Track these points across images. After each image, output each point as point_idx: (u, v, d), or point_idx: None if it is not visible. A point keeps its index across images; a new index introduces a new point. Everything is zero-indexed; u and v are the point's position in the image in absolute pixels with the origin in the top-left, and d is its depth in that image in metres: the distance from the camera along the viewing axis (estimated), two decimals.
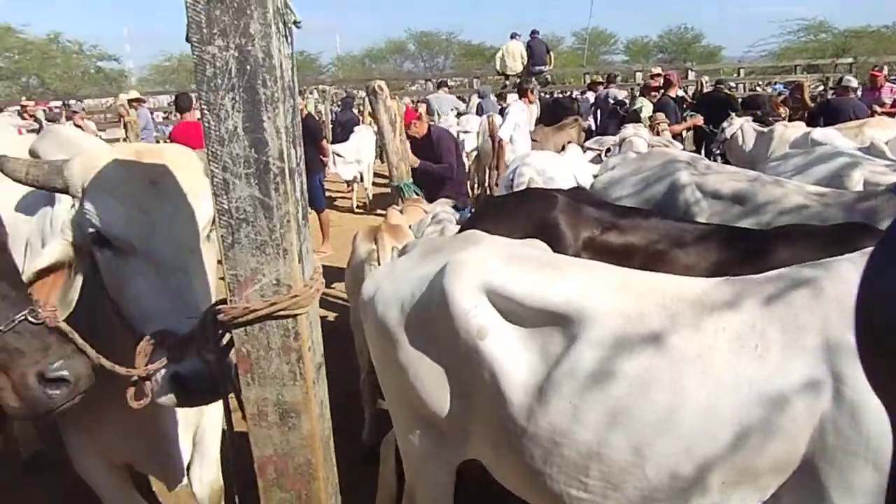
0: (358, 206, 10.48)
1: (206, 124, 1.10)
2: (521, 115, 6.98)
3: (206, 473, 2.60)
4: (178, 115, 7.40)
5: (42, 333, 1.51)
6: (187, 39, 1.07)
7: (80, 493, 2.62)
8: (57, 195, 1.91)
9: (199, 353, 1.48)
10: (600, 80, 12.52)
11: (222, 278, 1.31)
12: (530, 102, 7.98)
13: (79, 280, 1.74)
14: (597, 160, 4.78)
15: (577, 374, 1.66)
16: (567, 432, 1.67)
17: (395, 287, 2.04)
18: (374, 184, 10.58)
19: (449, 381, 1.92)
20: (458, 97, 14.09)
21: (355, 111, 12.85)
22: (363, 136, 10.19)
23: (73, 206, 1.73)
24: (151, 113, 16.24)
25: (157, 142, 12.90)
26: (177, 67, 36.06)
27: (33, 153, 2.23)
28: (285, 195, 1.13)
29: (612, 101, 9.77)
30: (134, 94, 11.97)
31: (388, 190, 11.06)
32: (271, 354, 1.22)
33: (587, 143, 5.18)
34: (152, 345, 1.51)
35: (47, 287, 1.74)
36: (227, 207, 1.13)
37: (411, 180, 4.85)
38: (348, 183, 10.42)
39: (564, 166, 3.82)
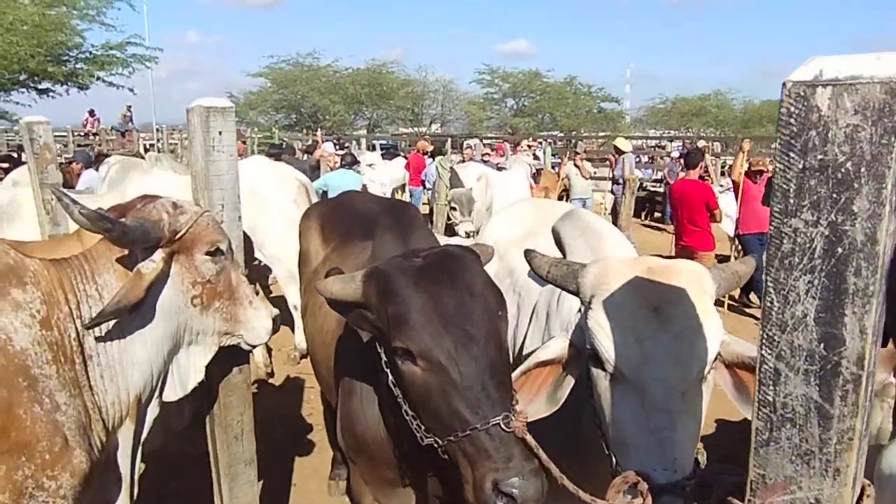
0: None
1: (768, 303, 0.93)
2: None
3: None
4: (685, 170, 7.45)
5: (509, 442, 1.56)
6: (764, 203, 0.93)
7: None
8: None
9: None
10: None
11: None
12: None
13: (570, 381, 1.77)
14: None
15: None
16: None
17: None
18: None
19: None
20: None
21: None
22: None
23: (580, 310, 1.76)
24: (637, 156, 16.92)
25: (641, 184, 13.35)
26: (670, 110, 37.15)
27: (556, 231, 2.40)
28: (853, 407, 0.89)
29: None
30: (622, 143, 12.62)
31: None
32: None
33: None
34: (626, 483, 1.43)
35: (542, 377, 1.81)
36: (770, 400, 0.95)
37: None
38: None
39: None
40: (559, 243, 2.34)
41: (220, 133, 2.45)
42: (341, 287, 1.76)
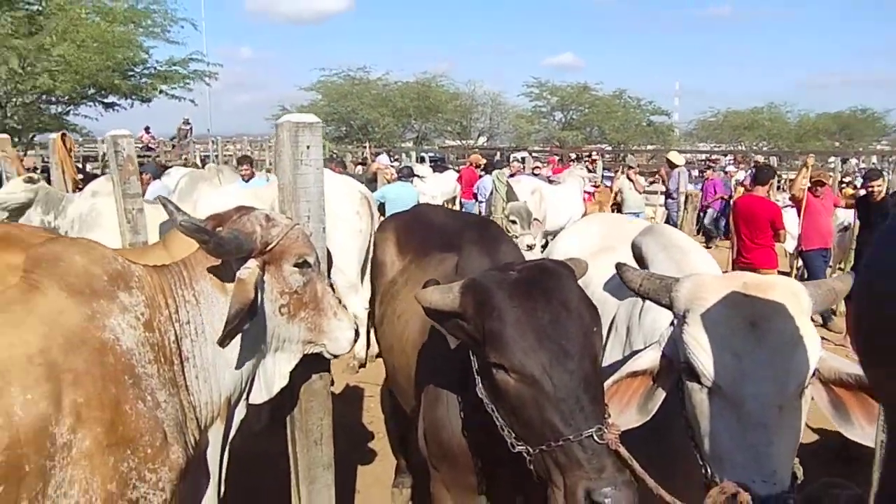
0: None
1: None
2: None
3: None
4: (752, 184, 7.33)
5: (602, 453, 1.59)
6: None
7: None
8: None
9: None
10: None
11: None
12: None
13: (661, 393, 1.79)
14: None
15: None
16: None
17: None
18: None
19: None
20: None
21: None
22: None
23: (674, 323, 1.78)
24: (689, 170, 16.66)
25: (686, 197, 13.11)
26: (721, 123, 36.57)
27: (636, 246, 2.42)
28: None
29: None
30: (675, 157, 12.45)
31: None
32: None
33: None
34: (724, 494, 1.45)
35: (632, 388, 1.84)
36: None
37: None
38: None
39: None
40: (640, 258, 2.36)
41: (307, 147, 2.55)
42: (440, 297, 1.82)
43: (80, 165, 14.20)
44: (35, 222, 5.57)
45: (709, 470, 1.58)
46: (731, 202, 8.67)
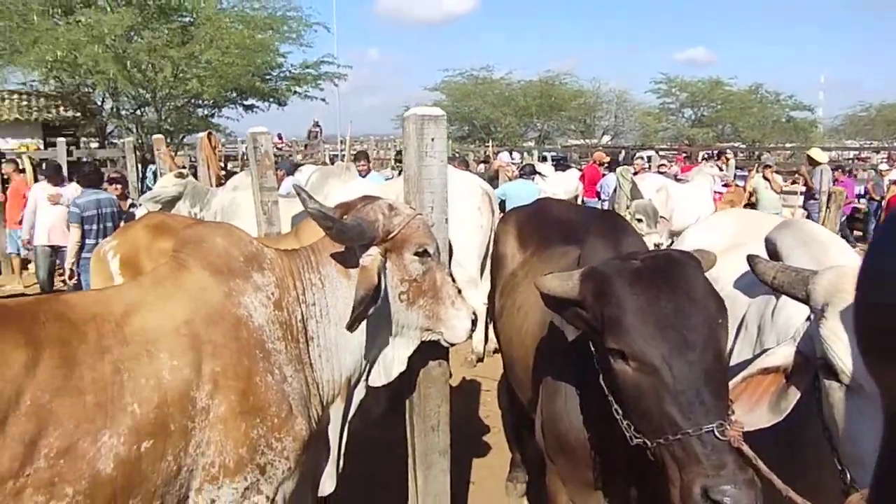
0: None
1: None
2: None
3: None
4: None
5: (723, 450, 1.51)
6: None
7: None
8: None
9: None
10: None
11: None
12: None
13: (796, 392, 1.68)
14: None
15: None
16: None
17: None
18: None
19: None
20: None
21: None
22: None
23: (810, 318, 1.67)
24: (833, 170, 15.41)
25: (828, 196, 12.12)
26: (874, 118, 33.63)
27: (770, 241, 2.28)
28: None
29: None
30: (817, 153, 11.54)
31: None
32: None
33: None
34: (867, 501, 1.33)
35: (763, 386, 1.75)
36: None
37: None
38: None
39: None
40: (774, 254, 2.22)
41: (432, 139, 2.60)
42: (559, 284, 1.81)
43: (222, 163, 15.28)
44: (183, 213, 6.07)
45: (848, 474, 1.47)
46: (884, 202, 7.94)
